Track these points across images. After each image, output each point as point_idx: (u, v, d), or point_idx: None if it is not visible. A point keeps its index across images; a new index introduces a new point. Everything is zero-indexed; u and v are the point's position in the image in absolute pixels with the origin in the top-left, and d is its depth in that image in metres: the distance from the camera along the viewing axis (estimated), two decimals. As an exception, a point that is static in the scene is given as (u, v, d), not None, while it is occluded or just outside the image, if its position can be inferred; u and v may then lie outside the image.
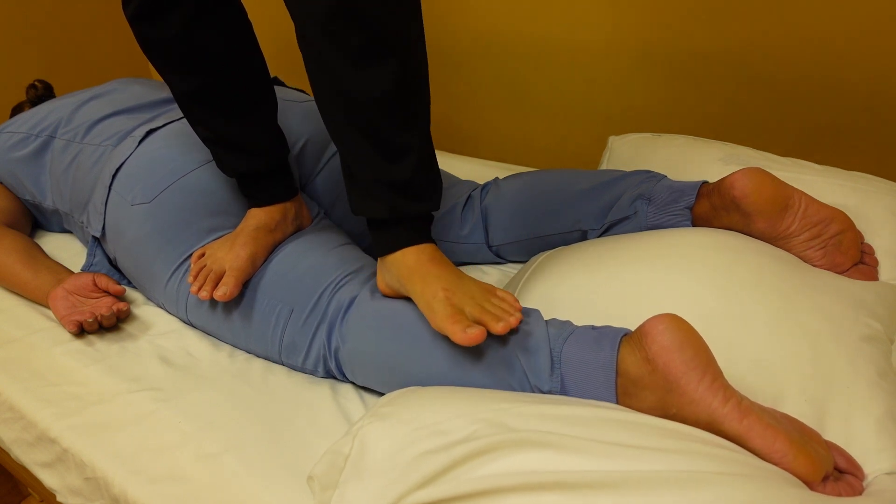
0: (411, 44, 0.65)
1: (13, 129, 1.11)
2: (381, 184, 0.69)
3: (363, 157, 0.68)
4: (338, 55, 0.62)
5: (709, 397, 0.56)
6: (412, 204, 0.71)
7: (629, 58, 1.32)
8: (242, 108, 0.83)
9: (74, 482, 0.77)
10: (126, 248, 0.93)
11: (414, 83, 0.66)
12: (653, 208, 0.88)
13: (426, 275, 0.70)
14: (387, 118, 0.66)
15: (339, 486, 0.56)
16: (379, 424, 0.61)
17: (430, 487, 0.52)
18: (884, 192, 0.89)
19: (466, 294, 0.68)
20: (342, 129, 0.68)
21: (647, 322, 0.61)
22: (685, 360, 0.57)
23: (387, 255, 0.73)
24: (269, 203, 0.86)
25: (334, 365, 0.80)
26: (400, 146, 0.67)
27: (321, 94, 0.67)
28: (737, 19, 1.19)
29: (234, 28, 0.81)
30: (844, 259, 0.80)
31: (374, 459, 0.57)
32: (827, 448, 0.59)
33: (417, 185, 0.70)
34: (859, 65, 1.12)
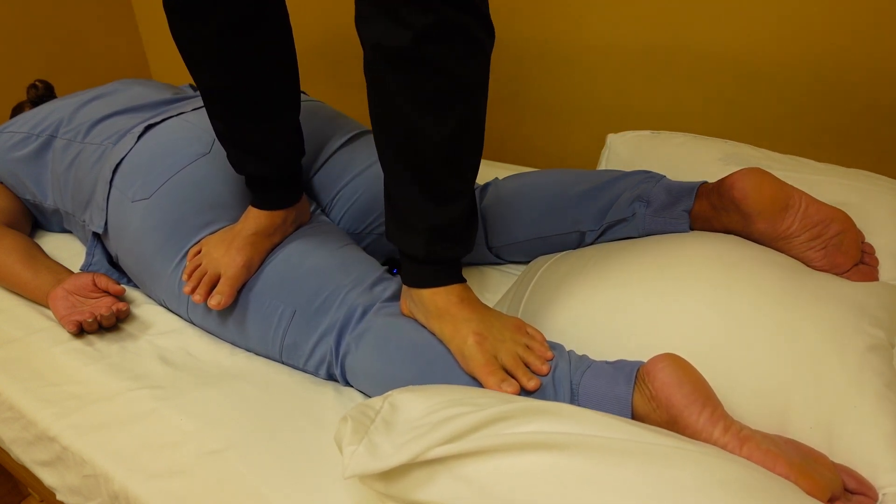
0: (478, 94, 0.66)
1: (14, 128, 1.11)
2: (423, 224, 0.69)
3: (411, 197, 0.68)
4: (406, 95, 0.62)
5: (709, 428, 0.59)
6: (449, 248, 0.71)
7: (629, 58, 1.32)
8: (266, 115, 0.82)
9: (74, 481, 0.77)
10: (128, 245, 0.93)
11: (474, 132, 0.67)
12: (650, 211, 0.87)
13: (455, 318, 0.70)
14: (444, 164, 0.66)
15: (370, 433, 0.57)
16: (409, 395, 0.62)
17: (457, 442, 0.54)
18: (885, 191, 0.89)
19: (497, 339, 0.69)
20: (395, 166, 0.68)
21: (649, 362, 0.64)
22: (685, 394, 0.60)
23: (415, 288, 0.73)
24: (275, 208, 0.85)
25: (339, 371, 0.80)
26: (449, 192, 0.68)
27: (379, 125, 0.67)
28: (737, 19, 1.18)
29: (275, 42, 0.80)
30: (845, 259, 0.80)
31: (405, 419, 0.59)
32: (833, 470, 0.59)
33: (458, 230, 0.71)
34: (859, 65, 1.12)
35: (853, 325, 0.69)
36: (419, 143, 0.64)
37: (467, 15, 0.60)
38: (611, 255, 0.84)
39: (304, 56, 1.81)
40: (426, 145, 0.64)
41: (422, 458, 0.53)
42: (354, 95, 1.77)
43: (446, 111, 0.63)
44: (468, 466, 0.53)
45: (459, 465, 0.53)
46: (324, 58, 1.77)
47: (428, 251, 0.70)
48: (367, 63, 0.64)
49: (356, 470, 0.54)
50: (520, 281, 0.91)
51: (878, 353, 0.68)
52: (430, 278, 0.72)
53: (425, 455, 0.53)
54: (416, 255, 0.71)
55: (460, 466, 0.53)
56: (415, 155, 0.65)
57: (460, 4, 0.59)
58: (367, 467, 0.54)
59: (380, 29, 0.60)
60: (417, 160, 0.65)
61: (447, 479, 0.53)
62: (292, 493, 0.67)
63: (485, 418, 0.55)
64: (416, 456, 0.53)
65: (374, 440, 0.56)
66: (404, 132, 0.64)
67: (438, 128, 0.63)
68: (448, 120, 0.63)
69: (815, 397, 0.64)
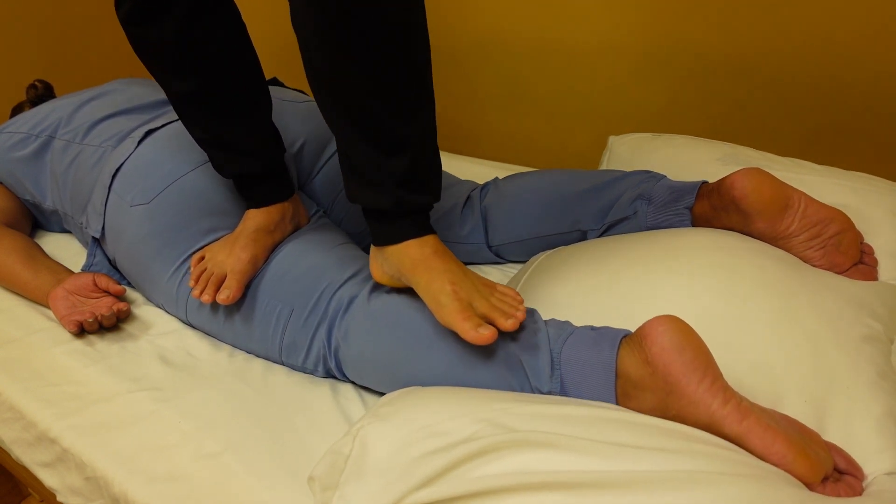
0: (411, 36, 0.63)
1: (13, 129, 1.11)
2: (380, 176, 0.68)
3: (361, 151, 0.67)
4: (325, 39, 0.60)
5: (708, 399, 0.57)
6: (415, 196, 0.69)
7: (629, 58, 1.32)
8: (237, 110, 0.83)
9: (74, 482, 0.77)
10: (125, 250, 0.93)
11: (411, 76, 0.65)
12: (652, 209, 0.88)
13: (431, 268, 0.69)
14: (385, 108, 0.64)
15: (340, 487, 0.56)
16: (379, 425, 0.61)
17: (430, 487, 0.53)
18: (884, 192, 0.89)
19: (473, 288, 0.68)
20: (337, 121, 0.67)
21: (647, 323, 0.61)
22: (685, 361, 0.57)
23: (387, 245, 0.72)
24: (267, 204, 0.86)
25: (334, 364, 0.80)
26: (397, 138, 0.66)
27: (313, 79, 0.65)
28: (737, 20, 1.19)
29: (228, 30, 0.80)
30: (844, 259, 0.80)
31: (375, 460, 0.57)
32: (826, 449, 0.59)
33: (422, 177, 0.70)
34: (859, 65, 1.12)
35: (852, 314, 0.70)
36: (355, 90, 0.62)
37: None
38: (611, 242, 0.85)
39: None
40: (359, 88, 0.62)
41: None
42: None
43: (375, 51, 0.60)
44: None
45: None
46: (323, 58, 1.77)
47: (395, 202, 0.68)
48: (294, 14, 0.62)
49: None
50: (520, 272, 0.92)
51: (875, 344, 0.68)
52: (401, 231, 0.71)
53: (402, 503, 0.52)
54: (383, 208, 0.69)
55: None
56: (351, 101, 0.63)
57: None
58: None
59: None
60: (356, 106, 0.64)
61: None
62: (291, 494, 0.67)
63: (458, 458, 0.53)
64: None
65: (346, 494, 0.56)
66: (334, 76, 0.62)
67: (370, 70, 0.61)
68: (378, 61, 0.61)
69: (810, 377, 0.64)
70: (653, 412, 0.60)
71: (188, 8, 0.75)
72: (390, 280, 0.75)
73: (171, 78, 0.80)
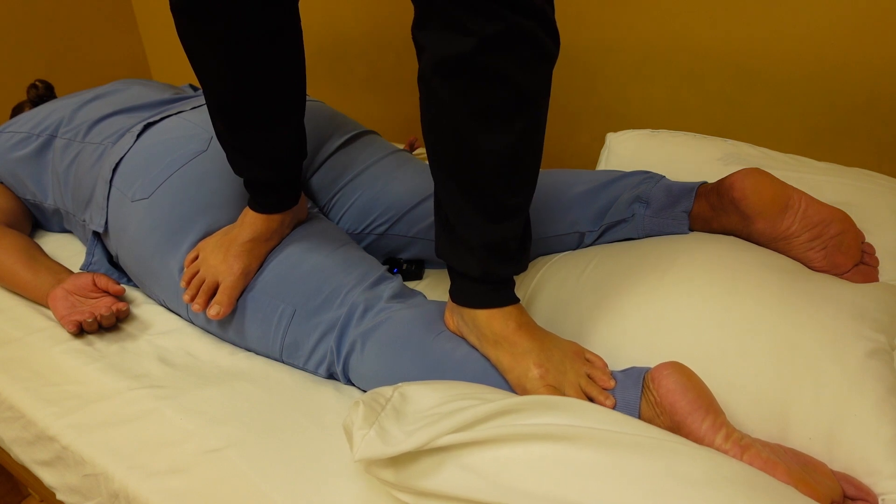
0: (541, 105, 0.61)
1: (14, 128, 1.11)
2: (477, 241, 0.66)
3: (465, 214, 0.65)
4: (463, 107, 0.58)
5: (711, 435, 0.60)
6: (504, 266, 0.69)
7: (629, 58, 1.32)
8: (271, 121, 0.80)
9: (73, 480, 0.77)
10: (128, 245, 0.93)
11: (534, 145, 0.63)
12: (650, 212, 0.87)
13: (514, 346, 0.67)
14: (501, 180, 0.62)
15: (380, 420, 0.57)
16: (420, 387, 0.62)
17: (464, 432, 0.54)
18: (885, 190, 0.89)
19: (560, 371, 0.66)
20: (448, 182, 0.64)
21: (654, 369, 0.64)
22: (689, 401, 0.61)
23: (468, 308, 0.70)
24: (272, 211, 0.84)
25: (340, 369, 0.80)
26: (506, 208, 0.65)
27: (433, 139, 0.63)
28: (737, 19, 1.18)
29: (284, 56, 0.77)
30: (845, 259, 0.80)
31: (415, 409, 0.59)
32: (833, 479, 0.59)
33: (514, 248, 0.68)
34: (859, 64, 1.12)
35: (853, 331, 0.69)
36: (475, 158, 0.60)
37: (533, 21, 0.56)
38: (610, 259, 0.84)
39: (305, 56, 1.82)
40: (483, 160, 0.60)
41: (431, 445, 0.54)
42: (354, 95, 1.77)
43: (505, 123, 0.59)
44: (476, 456, 0.54)
45: (467, 454, 0.54)
46: (324, 58, 1.77)
47: (483, 270, 0.67)
48: (423, 71, 0.60)
49: (366, 454, 0.54)
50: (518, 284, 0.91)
51: (879, 357, 0.67)
52: (484, 298, 0.69)
53: (435, 442, 0.54)
54: (471, 274, 0.68)
55: (468, 456, 0.54)
56: (470, 170, 0.62)
57: (528, 11, 0.55)
58: (378, 452, 0.54)
59: (439, 36, 0.56)
60: (473, 176, 0.62)
61: (454, 468, 0.54)
62: (292, 490, 0.67)
63: (495, 409, 0.55)
64: (425, 443, 0.53)
65: (385, 426, 0.56)
66: (459, 146, 0.60)
67: (496, 141, 0.59)
68: (507, 133, 0.59)
69: (815, 405, 0.64)
70: None
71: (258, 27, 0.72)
72: (461, 335, 0.74)
73: (208, 74, 0.77)
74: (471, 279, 0.69)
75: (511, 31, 0.55)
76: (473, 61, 0.55)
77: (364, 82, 1.74)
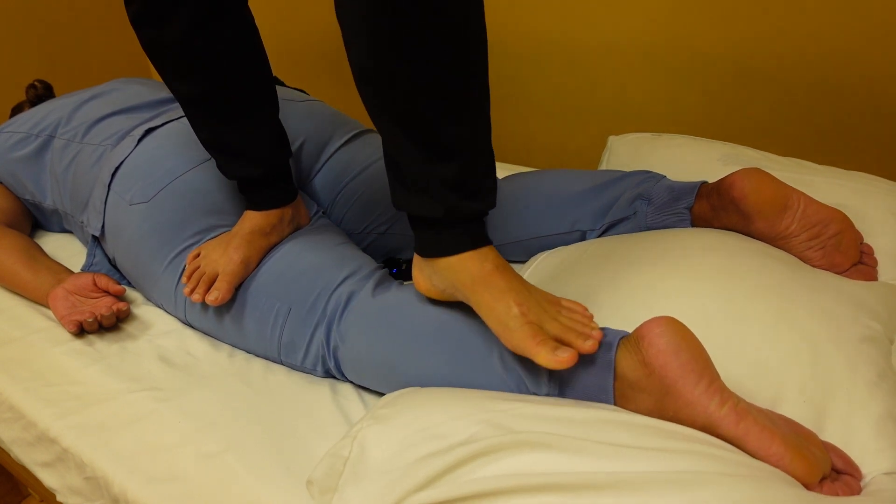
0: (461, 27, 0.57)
1: (13, 128, 1.11)
2: (431, 180, 0.62)
3: (411, 156, 0.62)
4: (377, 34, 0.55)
5: (705, 400, 0.56)
6: (468, 202, 0.64)
7: (629, 58, 1.32)
8: (244, 115, 0.82)
9: (74, 482, 0.77)
10: (125, 248, 0.93)
11: (462, 72, 0.59)
12: (652, 209, 0.88)
13: (493, 286, 0.64)
14: (434, 105, 0.59)
15: (339, 490, 0.56)
16: (378, 427, 0.60)
17: (429, 490, 0.53)
18: (884, 193, 0.89)
19: (540, 308, 0.63)
20: (386, 124, 0.62)
21: (644, 325, 0.60)
22: (681, 363, 0.57)
23: (441, 257, 0.67)
24: (267, 208, 0.86)
25: (333, 364, 0.80)
26: (453, 140, 0.61)
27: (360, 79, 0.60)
28: (737, 19, 1.19)
29: (237, 37, 0.79)
30: (843, 259, 0.80)
31: (374, 462, 0.57)
32: (824, 449, 0.59)
33: (474, 183, 0.64)
34: (859, 65, 1.12)
35: (851, 315, 0.70)
36: (399, 87, 0.57)
37: None
38: (610, 243, 0.85)
39: (304, 56, 1.81)
40: (408, 88, 0.57)
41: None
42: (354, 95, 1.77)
43: (424, 46, 0.55)
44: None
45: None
46: (324, 58, 1.77)
47: (445, 207, 0.63)
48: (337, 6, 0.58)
49: None
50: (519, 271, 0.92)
51: (874, 344, 0.68)
52: (454, 242, 0.65)
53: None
54: (433, 214, 0.64)
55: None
56: (400, 102, 0.58)
57: None
58: None
59: None
60: (405, 107, 0.59)
61: None
62: (290, 494, 0.67)
63: (457, 459, 0.53)
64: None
65: (345, 496, 0.55)
66: (381, 75, 0.57)
67: (417, 66, 0.56)
68: (427, 56, 0.56)
69: (810, 377, 0.64)
70: (650, 413, 0.60)
71: (196, 12, 0.74)
72: (440, 294, 0.71)
73: (177, 80, 0.79)
74: (435, 221, 0.65)
75: None
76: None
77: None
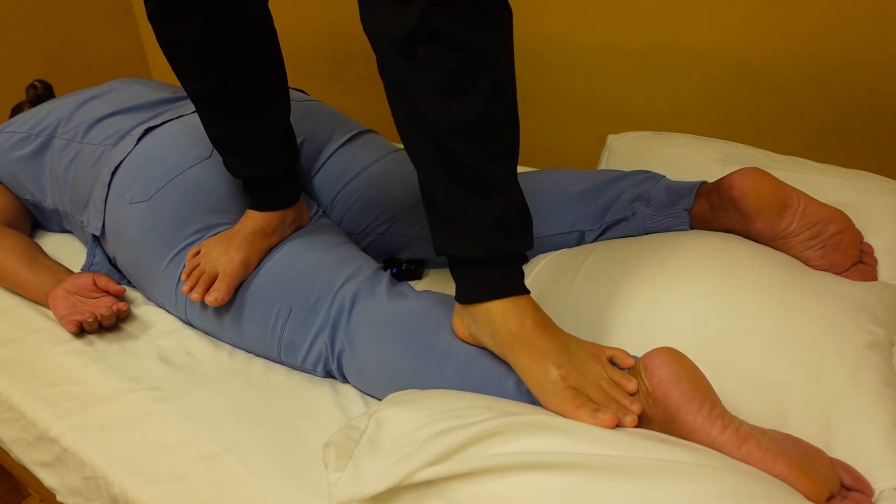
0: (501, 66, 0.59)
1: (13, 128, 1.11)
2: (471, 220, 0.63)
3: (452, 194, 0.62)
4: (423, 81, 0.57)
5: (707, 426, 0.57)
6: (508, 242, 0.64)
7: (629, 58, 1.32)
8: (255, 116, 0.82)
9: (74, 482, 0.77)
10: (125, 247, 0.93)
11: (502, 107, 0.61)
12: (650, 210, 0.87)
13: (532, 347, 0.63)
14: (479, 148, 0.60)
15: (354, 457, 0.56)
16: (395, 409, 0.61)
17: (442, 464, 0.53)
18: (884, 191, 0.89)
19: (581, 371, 0.63)
20: (427, 165, 0.62)
21: (646, 357, 0.61)
22: (683, 391, 0.58)
23: (478, 302, 0.66)
24: (271, 209, 0.86)
25: (336, 367, 0.80)
26: (490, 180, 0.62)
27: (404, 125, 0.62)
28: (736, 19, 1.19)
29: (257, 39, 0.79)
30: (844, 259, 0.80)
31: (391, 437, 0.57)
32: (831, 467, 0.58)
33: (513, 221, 0.65)
34: (859, 64, 1.12)
35: (853, 322, 0.69)
36: (446, 131, 0.59)
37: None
38: (610, 250, 0.84)
39: (304, 56, 1.81)
40: (454, 132, 0.59)
41: (408, 481, 0.52)
42: (354, 95, 1.78)
43: (466, 90, 0.57)
44: (456, 489, 0.52)
45: (447, 487, 0.52)
46: (324, 58, 1.77)
47: (486, 248, 0.63)
48: (379, 59, 0.59)
49: (342, 497, 0.53)
50: None
51: (878, 350, 0.68)
52: (493, 286, 0.65)
53: (411, 478, 0.52)
54: (473, 255, 0.64)
55: (448, 489, 0.52)
56: (445, 146, 0.59)
57: None
58: (353, 494, 0.53)
59: (384, 16, 0.56)
60: (449, 151, 0.60)
61: (435, 501, 0.52)
62: (291, 493, 0.67)
63: (472, 436, 0.53)
64: (401, 479, 0.52)
65: (360, 464, 0.55)
66: (427, 121, 0.59)
67: (461, 110, 0.58)
68: (470, 100, 0.57)
69: (814, 392, 0.64)
70: None
71: (216, 14, 0.74)
72: (477, 343, 0.70)
73: (190, 77, 0.79)
74: (475, 263, 0.65)
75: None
76: (422, 29, 0.54)
77: (364, 82, 1.74)
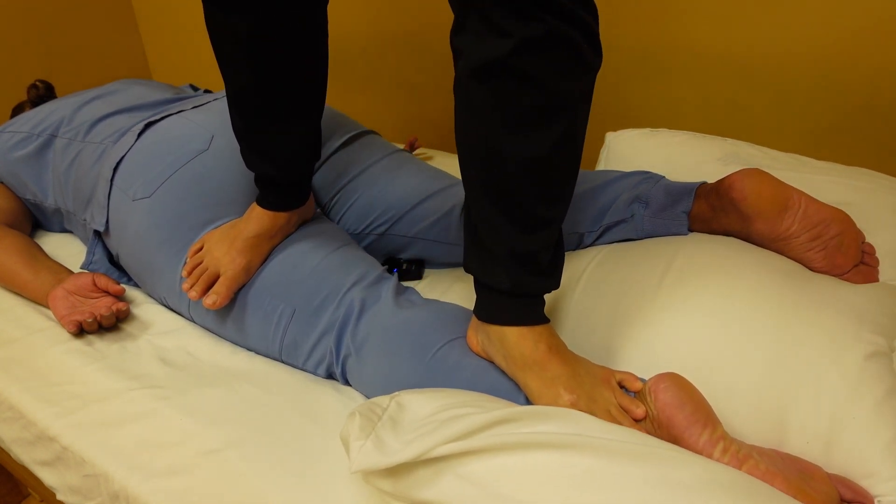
0: (579, 113, 0.59)
1: (15, 128, 1.11)
2: (507, 253, 0.64)
3: (495, 223, 0.63)
4: (498, 111, 0.57)
5: (709, 448, 0.59)
6: (535, 279, 0.66)
7: (628, 57, 1.32)
8: (290, 119, 0.81)
9: (74, 480, 0.77)
10: (129, 244, 0.93)
11: (570, 154, 0.61)
12: (649, 212, 0.87)
13: (544, 371, 0.65)
14: (535, 189, 0.60)
15: (377, 430, 0.57)
16: (418, 395, 0.62)
17: (462, 441, 0.54)
18: (886, 190, 0.89)
19: (590, 396, 0.64)
20: (479, 189, 0.62)
21: (650, 382, 0.64)
22: (686, 415, 0.61)
23: (495, 325, 0.68)
24: (279, 209, 0.85)
25: (339, 370, 0.80)
26: (539, 219, 0.62)
27: (466, 149, 0.62)
28: (736, 19, 1.18)
29: (310, 41, 0.77)
30: (845, 260, 0.79)
31: (411, 418, 0.59)
32: (830, 484, 0.59)
33: (545, 261, 0.66)
34: (859, 64, 1.12)
35: (853, 333, 0.68)
36: (507, 166, 0.58)
37: (574, 29, 0.54)
38: (607, 263, 0.84)
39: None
40: (514, 168, 0.58)
41: (428, 455, 0.53)
42: (355, 95, 1.78)
43: (539, 131, 0.57)
44: (472, 465, 0.53)
45: (464, 463, 0.54)
46: (324, 58, 1.77)
47: (513, 282, 0.64)
48: (458, 77, 0.59)
49: (363, 464, 0.54)
50: None
51: (878, 359, 0.67)
52: (513, 315, 0.66)
53: (431, 452, 0.53)
54: (499, 288, 0.65)
55: (464, 465, 0.54)
56: (502, 177, 0.59)
57: (569, 19, 0.54)
58: (374, 462, 0.54)
59: (477, 40, 0.55)
60: (505, 183, 0.60)
61: (452, 477, 0.54)
62: (292, 491, 0.67)
63: (492, 419, 0.55)
64: (422, 453, 0.53)
65: (382, 436, 0.56)
66: (491, 152, 0.59)
67: (529, 149, 0.58)
68: (540, 141, 0.57)
69: (813, 409, 0.64)
70: None
71: (272, 7, 0.72)
72: (488, 358, 0.71)
73: (232, 67, 0.77)
74: (499, 293, 0.66)
75: (550, 35, 0.53)
76: (510, 63, 0.54)
77: (364, 82, 1.74)
